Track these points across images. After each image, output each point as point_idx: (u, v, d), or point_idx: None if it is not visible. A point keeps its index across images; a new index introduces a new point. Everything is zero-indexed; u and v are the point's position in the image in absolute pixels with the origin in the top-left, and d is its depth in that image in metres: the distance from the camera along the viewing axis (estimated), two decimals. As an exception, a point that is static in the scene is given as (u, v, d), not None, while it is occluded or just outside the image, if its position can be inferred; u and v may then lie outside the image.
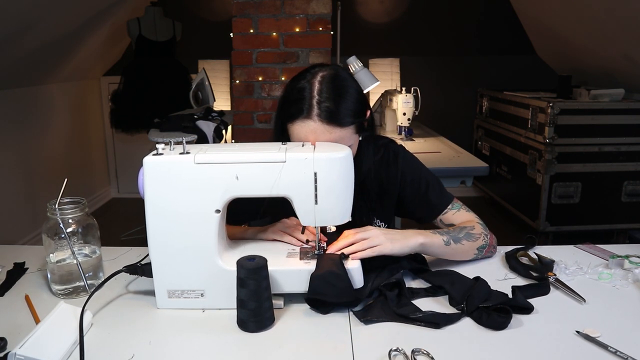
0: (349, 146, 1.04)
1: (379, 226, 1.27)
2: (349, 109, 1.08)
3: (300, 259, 1.02)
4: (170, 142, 1.00)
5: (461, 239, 1.13)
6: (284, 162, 0.95)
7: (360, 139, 1.17)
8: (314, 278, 0.95)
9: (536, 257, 1.18)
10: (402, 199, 1.27)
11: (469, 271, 1.10)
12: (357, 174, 1.01)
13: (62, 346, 0.82)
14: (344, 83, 1.10)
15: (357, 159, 1.14)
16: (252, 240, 1.15)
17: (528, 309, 0.95)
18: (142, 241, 1.01)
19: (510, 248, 1.25)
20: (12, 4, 2.37)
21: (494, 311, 0.92)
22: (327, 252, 1.02)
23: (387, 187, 1.26)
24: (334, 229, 1.04)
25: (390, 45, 4.08)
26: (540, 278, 1.09)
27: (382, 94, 3.16)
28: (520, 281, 1.09)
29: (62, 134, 3.71)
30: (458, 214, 1.24)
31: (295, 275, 0.98)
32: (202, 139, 2.74)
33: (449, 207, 1.24)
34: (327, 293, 0.94)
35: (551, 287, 1.06)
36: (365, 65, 2.65)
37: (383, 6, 4.16)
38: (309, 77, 1.10)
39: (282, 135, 1.15)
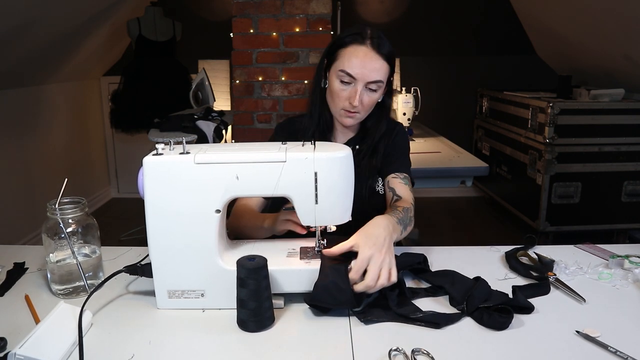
0: (379, 81, 1.23)
1: (379, 186, 1.36)
2: (391, 52, 1.26)
3: (301, 258, 1.02)
4: (170, 142, 1.00)
5: (407, 227, 1.17)
6: (284, 161, 0.95)
7: (379, 100, 1.32)
8: (317, 287, 0.94)
9: (536, 257, 1.18)
10: None
11: (468, 270, 1.10)
12: (373, 133, 1.33)
13: (62, 346, 0.82)
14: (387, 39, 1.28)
15: (376, 122, 1.35)
16: (254, 240, 1.15)
17: (529, 309, 0.95)
18: (142, 241, 1.01)
19: (510, 248, 1.25)
20: (12, 4, 2.37)
21: (495, 311, 0.92)
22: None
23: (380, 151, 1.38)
24: (334, 228, 1.04)
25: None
26: (541, 278, 1.09)
27: (382, 94, 3.15)
28: (521, 281, 1.10)
29: (62, 134, 3.71)
30: (402, 186, 1.31)
31: (296, 275, 0.98)
32: (202, 139, 2.74)
33: (401, 176, 1.33)
34: (329, 302, 0.94)
35: (551, 287, 1.06)
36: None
37: (383, 6, 4.16)
38: (361, 26, 1.28)
39: (323, 77, 1.32)
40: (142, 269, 1.02)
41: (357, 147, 1.38)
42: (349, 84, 1.24)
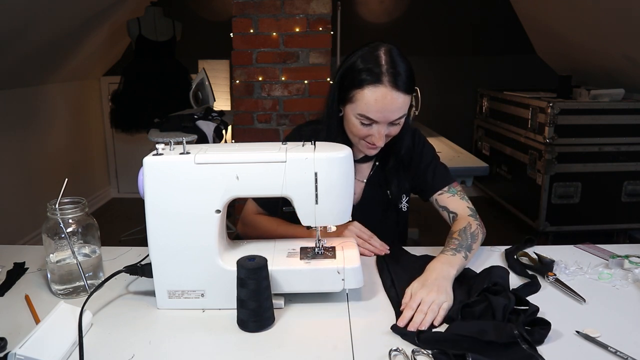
0: (402, 115, 1.16)
1: (402, 203, 1.35)
2: (410, 78, 1.15)
3: (301, 258, 1.02)
4: (170, 142, 1.00)
5: (471, 246, 1.16)
6: (284, 162, 0.95)
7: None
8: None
9: (536, 257, 1.18)
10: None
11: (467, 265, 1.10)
12: (399, 148, 1.27)
13: (62, 346, 0.82)
14: (403, 55, 1.17)
15: (400, 136, 1.25)
16: (252, 240, 1.14)
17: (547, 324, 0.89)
18: (142, 241, 1.01)
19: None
20: (12, 4, 2.37)
21: (532, 324, 0.88)
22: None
23: (406, 165, 1.34)
24: (334, 229, 1.04)
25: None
26: (532, 277, 1.09)
27: (382, 94, 3.15)
28: (515, 278, 1.10)
29: (62, 134, 3.71)
30: (452, 199, 1.29)
31: (296, 275, 0.98)
32: (202, 139, 2.74)
33: (446, 189, 1.30)
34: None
35: (551, 287, 1.06)
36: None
37: (383, 6, 4.16)
38: (373, 49, 1.16)
39: (337, 111, 1.23)
40: (142, 269, 1.02)
41: (377, 163, 1.34)
42: (370, 125, 1.16)
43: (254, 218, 1.36)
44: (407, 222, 1.42)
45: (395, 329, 0.90)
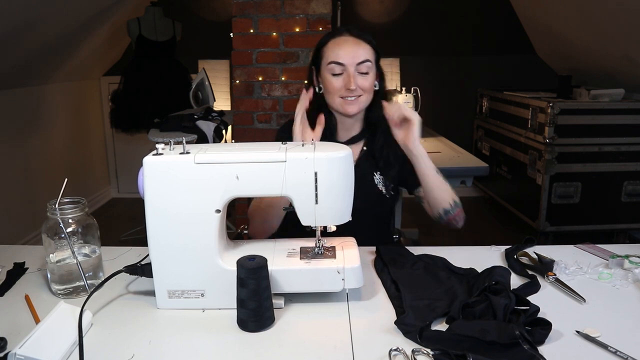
0: (366, 60, 1.27)
1: (380, 180, 1.37)
2: (369, 36, 1.32)
3: (301, 258, 1.02)
4: (170, 142, 1.00)
5: (446, 183, 1.27)
6: (284, 161, 0.95)
7: (376, 88, 1.34)
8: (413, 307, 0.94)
9: (536, 257, 1.18)
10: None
11: (467, 265, 1.10)
12: (382, 124, 1.30)
13: (62, 346, 0.82)
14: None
15: (380, 109, 1.31)
16: (252, 240, 1.15)
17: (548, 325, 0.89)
18: (142, 241, 1.01)
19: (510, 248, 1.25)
20: (12, 4, 2.37)
21: (533, 324, 0.88)
22: None
23: (394, 150, 1.35)
24: (334, 228, 1.04)
25: (390, 45, 4.08)
26: (532, 277, 1.09)
27: (382, 94, 3.15)
28: (515, 278, 1.10)
29: (62, 134, 3.71)
30: None
31: (296, 275, 0.98)
32: (202, 139, 2.74)
33: None
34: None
35: (551, 287, 1.06)
36: (365, 65, 2.65)
37: (383, 6, 4.16)
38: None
39: (315, 81, 1.36)
40: (142, 269, 1.02)
41: (365, 148, 1.38)
42: (341, 74, 1.28)
43: (249, 211, 1.36)
44: (392, 211, 1.43)
45: (398, 324, 0.90)
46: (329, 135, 1.36)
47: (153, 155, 0.96)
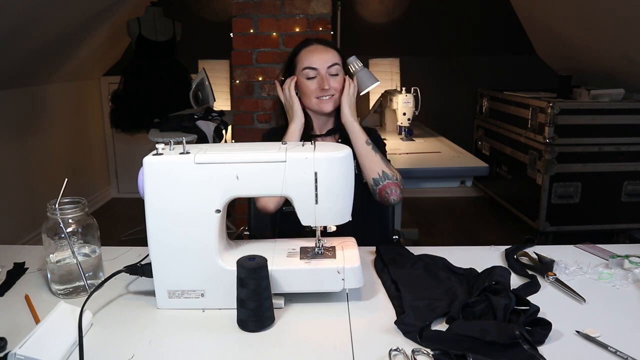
0: (335, 64, 1.42)
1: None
2: (333, 42, 1.57)
3: (301, 258, 1.02)
4: (170, 142, 1.00)
5: (376, 155, 1.37)
6: (284, 161, 0.95)
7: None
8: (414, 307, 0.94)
9: (536, 257, 1.18)
10: None
11: (467, 265, 1.10)
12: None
13: (62, 346, 0.82)
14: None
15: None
16: (252, 240, 1.15)
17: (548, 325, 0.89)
18: (142, 241, 1.01)
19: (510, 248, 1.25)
20: (12, 4, 2.37)
21: (533, 324, 0.88)
22: None
23: None
24: (334, 228, 1.04)
25: (390, 45, 4.08)
26: (532, 276, 1.09)
27: (382, 94, 3.15)
28: (515, 278, 1.10)
29: (62, 134, 3.71)
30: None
31: (296, 275, 0.98)
32: (202, 139, 2.74)
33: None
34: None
35: (551, 287, 1.06)
36: (365, 65, 2.65)
37: (383, 6, 4.16)
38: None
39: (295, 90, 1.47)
40: (142, 269, 1.02)
41: (340, 140, 1.50)
42: (314, 77, 1.42)
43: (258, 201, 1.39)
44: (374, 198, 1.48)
45: (398, 324, 0.90)
46: (308, 130, 1.48)
47: (153, 155, 0.96)
